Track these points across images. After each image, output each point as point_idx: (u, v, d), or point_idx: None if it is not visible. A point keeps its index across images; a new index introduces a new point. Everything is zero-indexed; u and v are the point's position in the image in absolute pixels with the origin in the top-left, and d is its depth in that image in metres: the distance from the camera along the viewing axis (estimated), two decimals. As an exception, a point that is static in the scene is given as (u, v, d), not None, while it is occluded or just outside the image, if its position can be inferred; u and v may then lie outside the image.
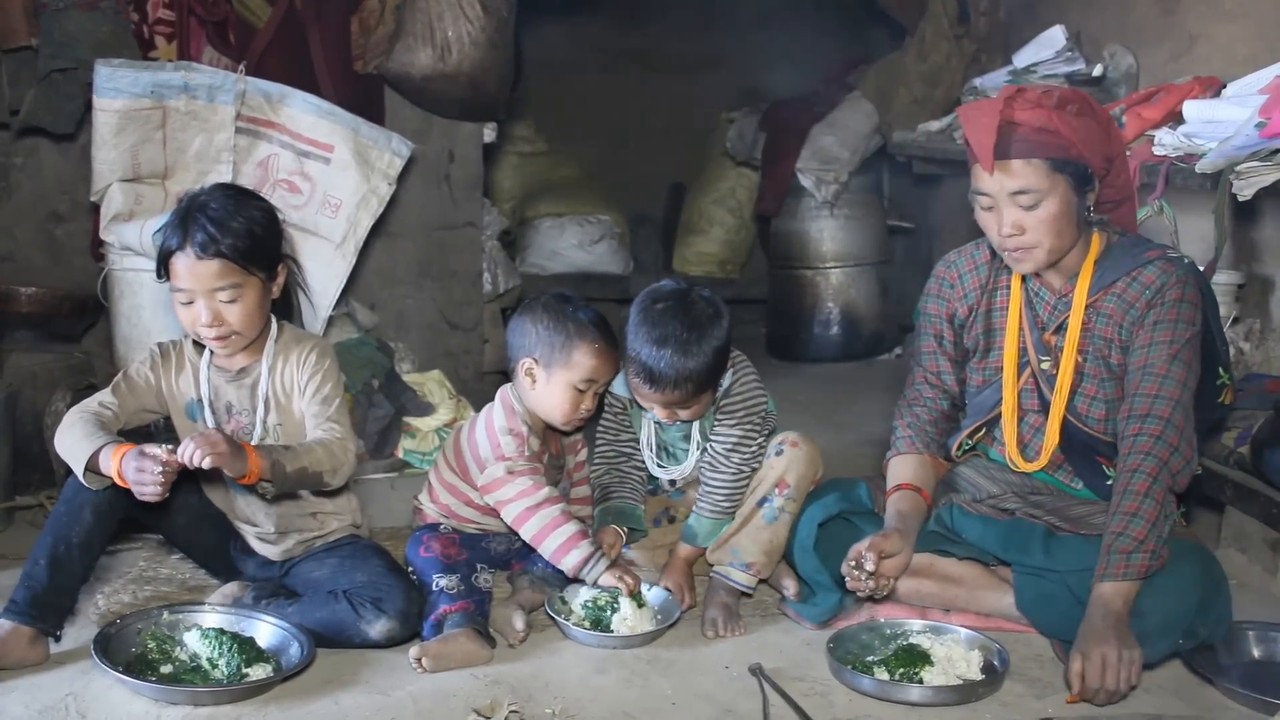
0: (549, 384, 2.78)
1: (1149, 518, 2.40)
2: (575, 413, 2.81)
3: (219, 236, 2.56)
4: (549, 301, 2.84)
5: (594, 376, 2.78)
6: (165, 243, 2.61)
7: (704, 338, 2.73)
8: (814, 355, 5.77)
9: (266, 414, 2.70)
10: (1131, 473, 2.45)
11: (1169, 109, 3.51)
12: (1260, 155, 2.93)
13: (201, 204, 2.60)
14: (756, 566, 2.78)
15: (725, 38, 7.05)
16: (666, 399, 2.78)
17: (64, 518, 2.53)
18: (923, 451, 2.78)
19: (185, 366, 2.73)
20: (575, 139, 6.74)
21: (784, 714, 2.32)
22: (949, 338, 2.81)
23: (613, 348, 2.82)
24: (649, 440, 3.00)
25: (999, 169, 2.47)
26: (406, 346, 4.27)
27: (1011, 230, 2.51)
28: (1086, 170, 2.51)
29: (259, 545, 2.77)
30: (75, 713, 2.29)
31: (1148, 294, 2.55)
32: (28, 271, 4.04)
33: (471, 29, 4.09)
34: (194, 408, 2.71)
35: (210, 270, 2.57)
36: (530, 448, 2.80)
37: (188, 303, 2.60)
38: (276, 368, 2.71)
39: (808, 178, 5.65)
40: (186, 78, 3.56)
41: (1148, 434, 2.47)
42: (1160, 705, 2.36)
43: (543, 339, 2.78)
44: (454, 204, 4.53)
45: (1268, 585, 2.95)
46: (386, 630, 2.54)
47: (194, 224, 2.57)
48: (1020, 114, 2.46)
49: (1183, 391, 2.50)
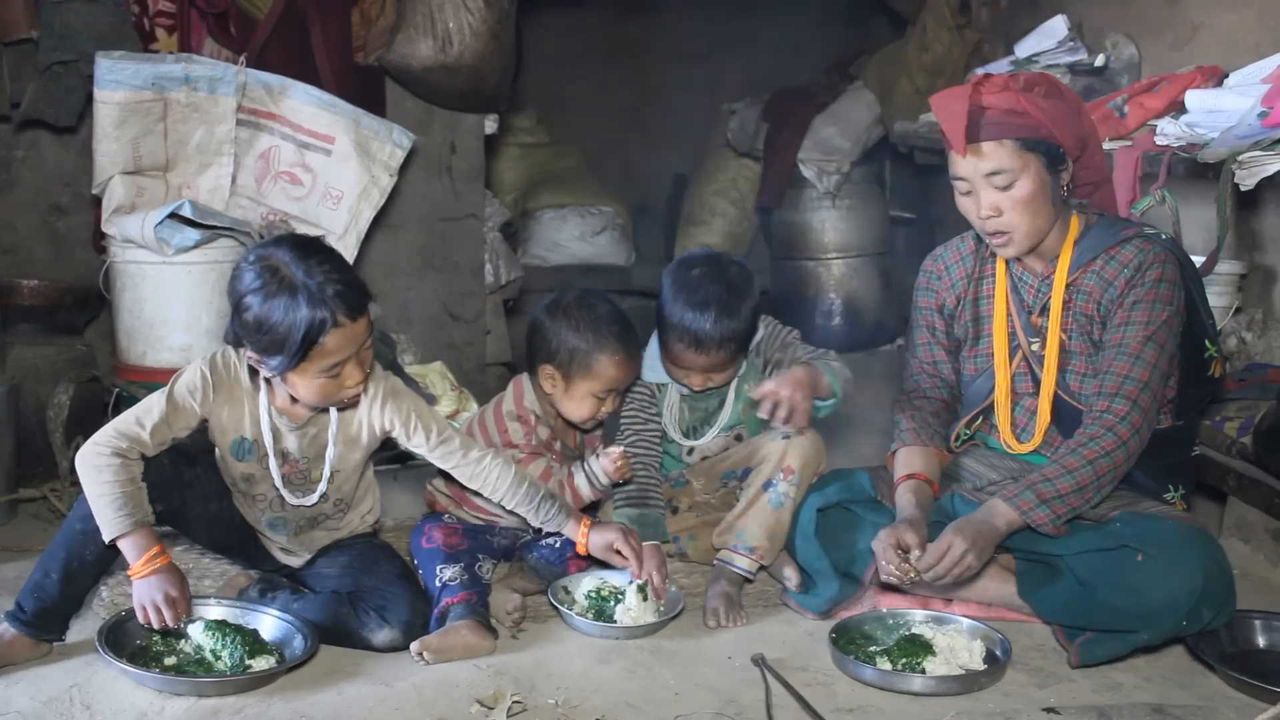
0: (569, 392, 2.79)
1: (1079, 483, 2.50)
2: (595, 414, 2.83)
3: (353, 292, 2.39)
4: (571, 306, 2.80)
5: (615, 386, 2.80)
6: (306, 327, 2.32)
7: (743, 298, 2.84)
8: (816, 346, 5.75)
9: (325, 465, 2.60)
10: (1088, 440, 2.53)
11: (1171, 98, 3.50)
12: (1263, 145, 2.93)
13: (303, 271, 2.35)
14: (760, 551, 2.79)
15: (727, 28, 7.04)
16: (711, 361, 2.84)
17: (79, 535, 2.42)
18: (928, 444, 2.79)
19: (240, 401, 2.52)
20: (577, 130, 6.73)
21: (786, 704, 2.32)
22: (941, 328, 2.86)
23: (636, 354, 2.83)
24: (675, 421, 3.03)
25: (971, 152, 2.54)
26: (408, 338, 4.27)
27: (989, 212, 2.57)
28: (1058, 149, 2.56)
29: (283, 556, 2.73)
30: (80, 704, 2.29)
31: (1126, 272, 2.59)
32: (30, 264, 4.04)
33: (472, 20, 4.08)
34: (245, 448, 2.55)
35: (361, 326, 2.41)
36: (538, 437, 2.80)
37: (333, 376, 2.42)
38: (344, 415, 2.59)
39: (809, 168, 5.65)
40: (187, 70, 3.56)
41: (1114, 413, 2.53)
42: (1163, 694, 2.36)
43: (565, 346, 2.76)
44: (455, 195, 4.53)
45: (1270, 575, 2.95)
46: (389, 640, 2.53)
47: (324, 292, 2.34)
48: (988, 98, 2.52)
49: (1152, 374, 2.55)
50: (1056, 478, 2.50)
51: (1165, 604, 2.40)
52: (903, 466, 2.77)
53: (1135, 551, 2.45)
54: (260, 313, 2.36)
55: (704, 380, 2.90)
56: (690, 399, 3.01)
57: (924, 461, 2.76)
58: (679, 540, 3.01)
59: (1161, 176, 3.24)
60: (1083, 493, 2.50)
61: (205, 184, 3.66)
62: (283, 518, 2.65)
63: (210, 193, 3.66)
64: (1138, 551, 2.44)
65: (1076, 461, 2.51)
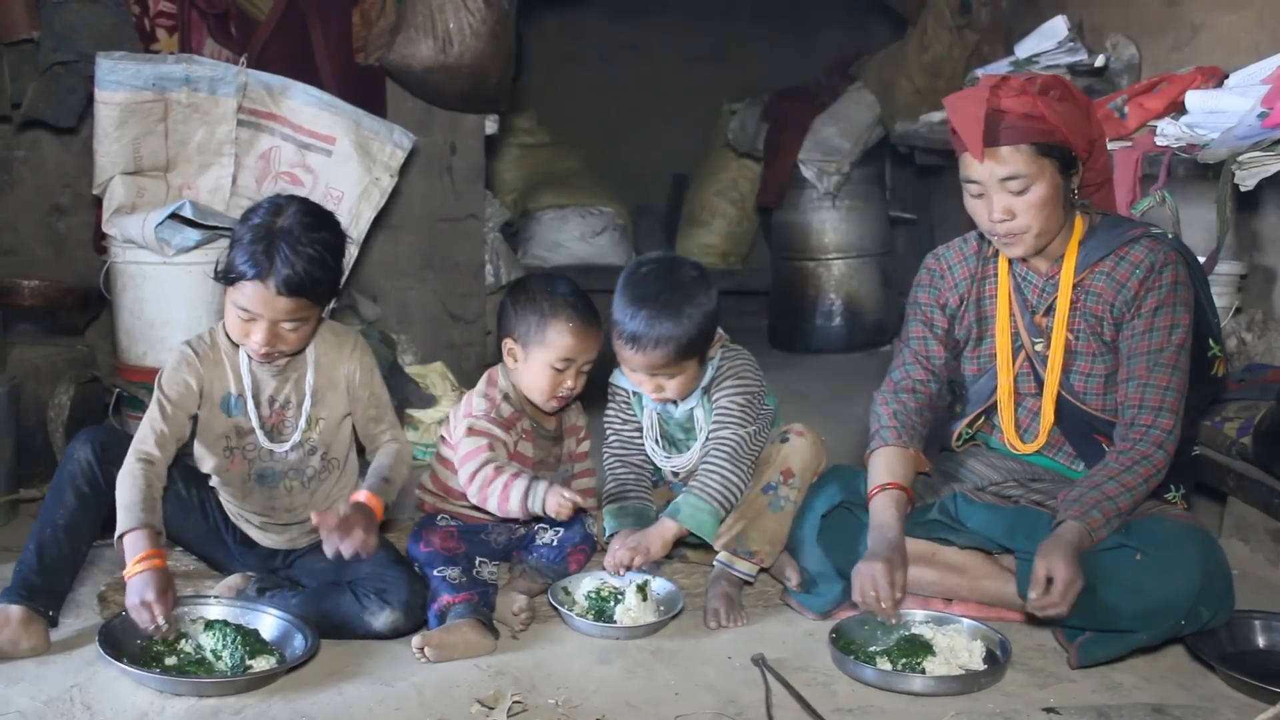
0: (528, 363, 2.80)
1: (1135, 500, 2.51)
2: (555, 391, 2.80)
3: (304, 278, 2.49)
4: (530, 281, 2.90)
5: (570, 355, 2.77)
6: (239, 265, 2.50)
7: (686, 300, 2.73)
8: (816, 347, 5.77)
9: (312, 406, 2.70)
10: (1141, 458, 2.53)
11: (1171, 99, 3.50)
12: (1262, 145, 2.94)
13: (285, 233, 2.50)
14: (760, 555, 2.79)
15: (727, 29, 7.04)
16: (648, 361, 2.75)
17: (50, 501, 2.58)
18: (908, 445, 2.73)
19: (221, 361, 2.66)
20: (577, 131, 6.74)
21: (787, 704, 2.32)
22: (941, 325, 2.81)
23: (591, 326, 2.80)
24: (652, 430, 3.00)
25: (988, 156, 2.52)
26: (409, 338, 4.28)
27: (1002, 215, 2.56)
28: (1070, 153, 2.56)
29: (260, 535, 2.77)
30: (80, 704, 2.29)
31: (1139, 273, 2.58)
32: (30, 265, 4.05)
33: (473, 20, 4.09)
34: (231, 402, 2.67)
35: (285, 305, 2.52)
36: (499, 413, 2.80)
37: (247, 320, 2.54)
38: (321, 363, 2.70)
39: (810, 169, 5.64)
40: (188, 70, 3.56)
41: (1160, 428, 2.54)
42: (1162, 694, 2.36)
43: (521, 318, 2.80)
44: (456, 196, 4.53)
45: (1270, 575, 2.95)
46: (390, 621, 2.55)
47: (278, 256, 2.47)
48: (1006, 101, 2.51)
49: (1185, 383, 2.58)
50: (1117, 496, 2.49)
51: (1163, 604, 2.41)
52: (883, 472, 2.70)
53: (1134, 551, 2.45)
54: (239, 227, 2.58)
55: (655, 386, 2.82)
56: (662, 409, 2.96)
57: (903, 468, 2.71)
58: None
59: (1161, 177, 3.24)
60: (1134, 507, 2.53)
61: (206, 184, 3.67)
62: (271, 468, 2.70)
63: (211, 193, 3.66)
64: (1136, 551, 2.45)
65: (1134, 480, 2.51)
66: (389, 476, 2.64)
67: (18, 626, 2.47)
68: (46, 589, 2.53)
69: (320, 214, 2.62)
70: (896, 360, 2.87)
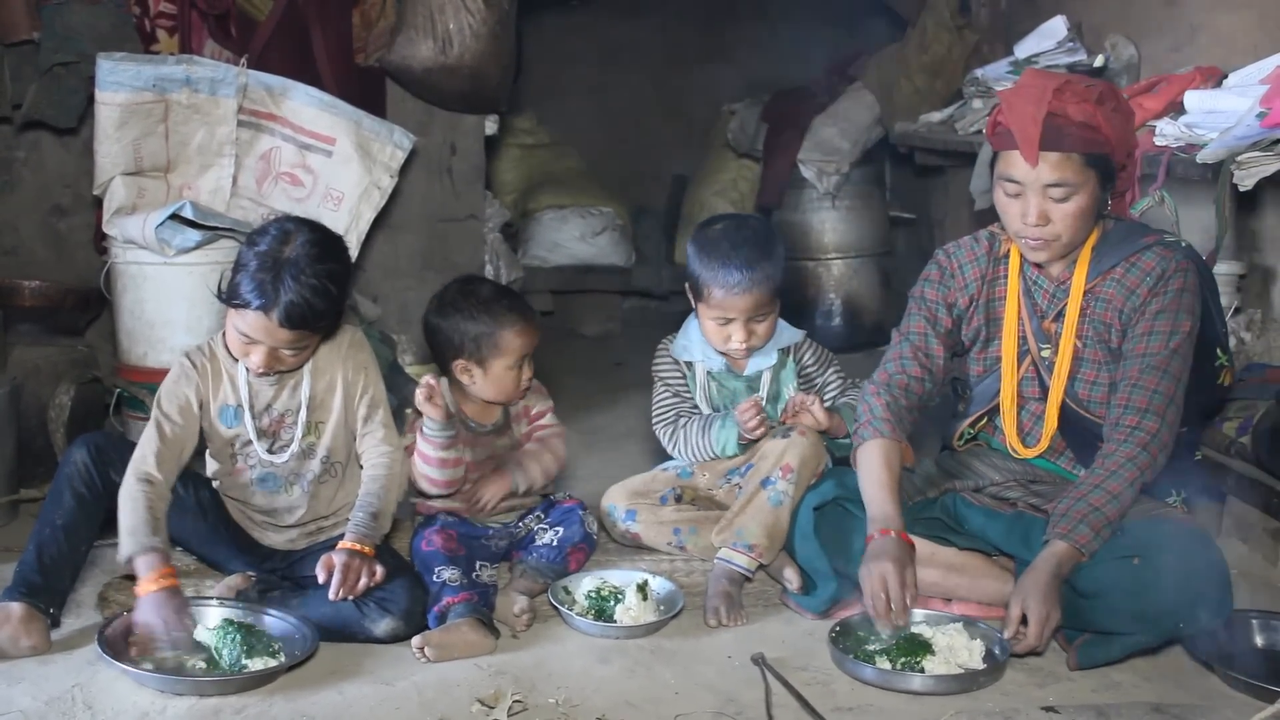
0: (488, 375, 2.88)
1: (1122, 507, 2.47)
2: (518, 387, 2.92)
3: (308, 311, 2.49)
4: (456, 298, 2.92)
5: (526, 350, 2.89)
6: (243, 292, 2.49)
7: (771, 241, 3.00)
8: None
9: (310, 413, 2.70)
10: (1126, 461, 2.49)
11: (1170, 99, 3.50)
12: (1261, 145, 2.93)
13: (291, 264, 2.48)
14: (759, 549, 2.80)
15: (727, 29, 7.04)
16: (755, 300, 2.93)
17: (49, 503, 2.60)
18: (900, 440, 2.70)
19: (221, 373, 2.67)
20: (577, 131, 6.73)
21: (786, 703, 2.33)
22: (945, 324, 2.77)
23: (530, 314, 2.93)
24: (706, 401, 3.10)
25: (1039, 159, 2.47)
26: (409, 339, 4.28)
27: (1038, 220, 2.52)
28: (1113, 165, 2.54)
29: (261, 536, 2.77)
30: (82, 704, 2.30)
31: (1149, 280, 2.56)
32: (31, 265, 4.05)
33: (473, 21, 4.09)
34: (231, 414, 2.68)
35: (287, 335, 2.54)
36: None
37: (247, 343, 2.56)
38: (319, 368, 2.70)
39: (809, 169, 5.64)
40: (188, 71, 3.56)
41: (1145, 430, 2.50)
42: (1161, 693, 2.37)
43: (468, 337, 2.86)
44: (456, 196, 4.53)
45: (1269, 574, 2.95)
46: (391, 629, 2.55)
47: (283, 288, 2.46)
48: (1070, 107, 2.46)
49: (1178, 389, 2.53)
50: (1104, 505, 2.45)
51: (1162, 606, 2.40)
52: (881, 465, 2.64)
53: (1132, 555, 2.44)
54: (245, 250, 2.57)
55: (748, 333, 2.96)
56: (720, 377, 3.07)
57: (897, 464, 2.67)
58: (679, 532, 3.02)
59: (1160, 177, 3.24)
60: (1122, 513, 2.48)
61: (206, 185, 3.67)
62: (272, 473, 2.71)
63: (211, 194, 3.66)
64: (1135, 554, 2.44)
65: (1120, 485, 2.47)
66: (377, 510, 2.64)
67: (18, 624, 2.47)
68: (47, 587, 2.54)
69: (327, 243, 2.60)
70: (893, 352, 2.80)
